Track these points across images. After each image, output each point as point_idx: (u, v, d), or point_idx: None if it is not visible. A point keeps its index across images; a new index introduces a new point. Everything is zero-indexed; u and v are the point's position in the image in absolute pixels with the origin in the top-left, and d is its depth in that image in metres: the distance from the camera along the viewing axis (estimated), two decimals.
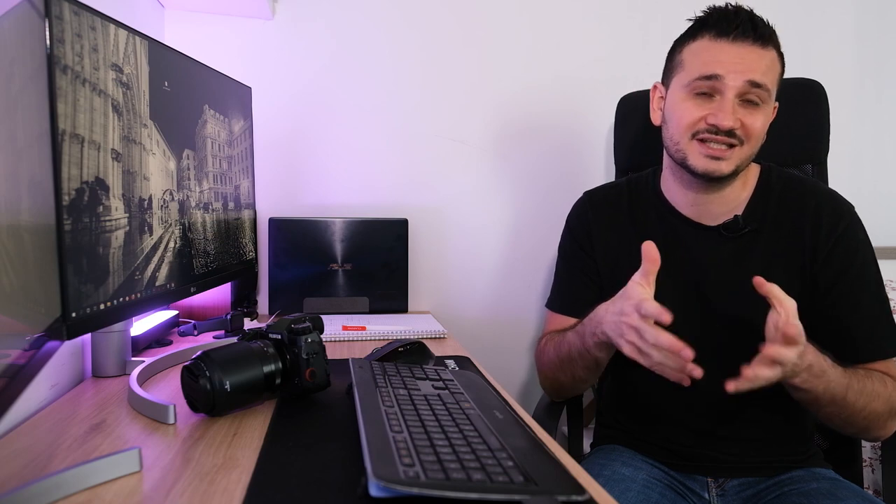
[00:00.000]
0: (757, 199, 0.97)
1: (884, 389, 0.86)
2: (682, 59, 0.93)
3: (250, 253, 1.17)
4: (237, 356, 0.73)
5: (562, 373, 1.00)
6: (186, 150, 0.89)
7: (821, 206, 0.94)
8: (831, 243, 0.92)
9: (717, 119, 0.87)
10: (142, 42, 0.76)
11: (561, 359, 0.99)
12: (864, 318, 0.91)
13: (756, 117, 0.88)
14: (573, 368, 0.97)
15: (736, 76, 0.86)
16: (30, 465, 0.60)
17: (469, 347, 1.15)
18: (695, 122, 0.90)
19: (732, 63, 0.86)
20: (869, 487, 1.37)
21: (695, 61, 0.90)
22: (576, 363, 0.96)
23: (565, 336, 0.98)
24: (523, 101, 1.53)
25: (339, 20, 1.45)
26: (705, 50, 0.89)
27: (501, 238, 1.56)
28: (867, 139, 1.67)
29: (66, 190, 0.60)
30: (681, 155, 0.92)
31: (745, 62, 0.86)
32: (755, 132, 0.88)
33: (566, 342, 0.97)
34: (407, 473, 0.49)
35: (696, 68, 0.89)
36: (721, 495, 0.95)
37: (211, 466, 0.60)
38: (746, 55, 0.86)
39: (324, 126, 1.46)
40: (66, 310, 0.60)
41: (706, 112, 0.88)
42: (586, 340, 0.90)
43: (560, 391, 1.08)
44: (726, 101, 0.87)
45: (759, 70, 0.86)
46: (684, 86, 0.91)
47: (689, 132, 0.90)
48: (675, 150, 0.94)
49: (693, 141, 0.90)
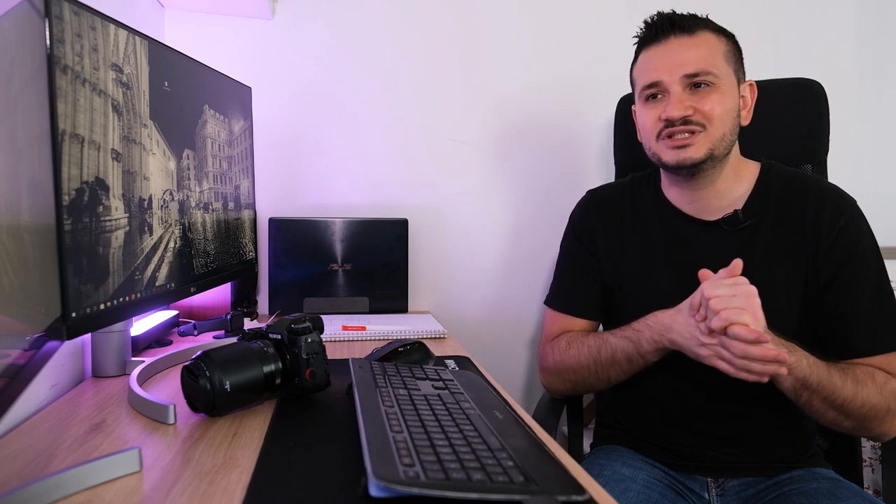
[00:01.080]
0: (757, 194, 0.97)
1: (871, 380, 0.86)
2: (634, 78, 1.02)
3: (250, 253, 1.17)
4: (237, 356, 0.73)
5: (594, 376, 0.99)
6: (186, 150, 0.89)
7: (822, 199, 0.94)
8: (833, 236, 0.92)
9: (667, 112, 0.92)
10: (142, 42, 0.76)
11: (598, 362, 0.98)
12: (865, 311, 0.91)
13: (710, 99, 0.91)
14: (611, 371, 0.97)
15: (671, 73, 0.92)
16: (30, 465, 0.60)
17: (469, 347, 1.15)
18: (654, 124, 0.95)
19: (665, 64, 0.93)
20: (869, 487, 1.37)
21: (640, 75, 0.98)
22: (619, 366, 0.96)
23: (606, 340, 0.97)
24: (523, 101, 1.53)
25: (339, 20, 1.45)
26: (644, 62, 0.98)
27: (501, 238, 1.56)
28: (867, 139, 1.67)
29: (66, 190, 0.60)
30: (656, 157, 0.97)
31: (675, 57, 0.92)
32: (714, 114, 0.91)
33: (609, 346, 0.96)
34: (407, 473, 0.49)
35: (641, 80, 0.97)
36: (721, 495, 0.95)
37: (211, 466, 0.60)
38: (675, 50, 0.93)
39: (324, 126, 1.46)
40: (66, 310, 0.60)
41: (659, 111, 0.94)
42: (642, 346, 0.92)
43: (577, 389, 1.08)
44: (672, 96, 0.92)
45: (691, 59, 0.91)
46: (640, 99, 0.99)
47: (653, 135, 0.96)
48: (651, 155, 0.99)
49: (660, 141, 0.95)
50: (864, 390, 0.84)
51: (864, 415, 0.86)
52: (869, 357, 0.89)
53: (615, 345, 0.96)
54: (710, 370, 0.95)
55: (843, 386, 0.84)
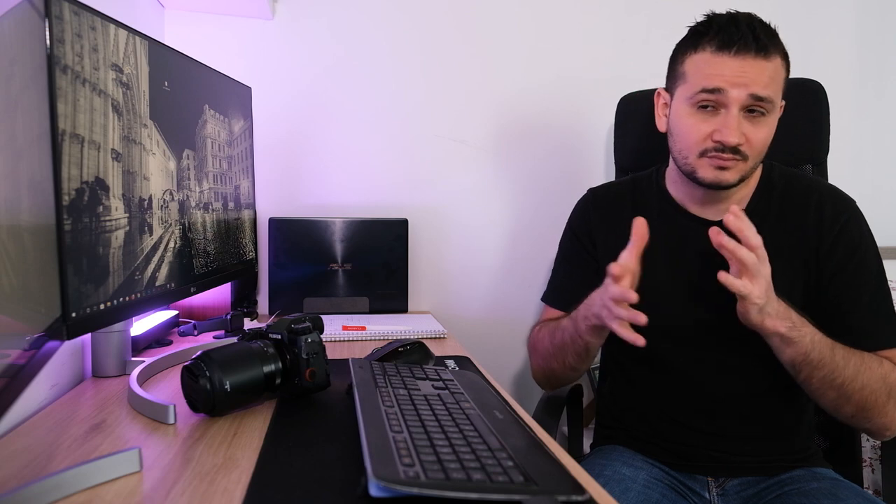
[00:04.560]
0: (759, 196, 0.98)
1: (878, 365, 0.86)
2: (685, 71, 0.92)
3: (250, 253, 1.17)
4: (237, 356, 0.73)
5: (554, 360, 1.01)
6: (186, 150, 0.89)
7: (823, 200, 0.95)
8: (833, 236, 0.92)
9: (723, 136, 0.87)
10: (142, 42, 0.76)
11: (555, 345, 1.00)
12: (864, 309, 0.91)
13: (760, 129, 0.88)
14: (565, 355, 0.98)
15: (739, 90, 0.86)
16: (30, 465, 0.60)
17: (469, 347, 1.15)
18: (702, 140, 0.90)
19: (735, 77, 0.86)
20: (869, 487, 1.36)
21: (697, 74, 0.90)
22: (568, 349, 0.97)
23: (560, 323, 0.99)
24: (524, 102, 1.53)
25: (340, 20, 1.45)
26: (707, 63, 0.89)
27: (501, 238, 1.56)
28: (867, 139, 1.67)
29: (66, 190, 0.60)
30: (689, 169, 0.93)
31: (747, 75, 0.86)
32: (759, 146, 0.89)
33: (560, 328, 0.98)
34: (407, 473, 0.49)
35: (699, 81, 0.89)
36: (721, 495, 0.95)
37: (211, 466, 0.60)
38: (749, 68, 0.86)
39: (324, 126, 1.46)
40: (66, 310, 0.60)
41: (712, 128, 0.89)
42: (579, 325, 0.92)
43: (551, 379, 1.08)
44: (731, 117, 0.87)
45: (762, 82, 0.86)
46: (688, 98, 0.91)
47: (697, 150, 0.91)
48: (683, 164, 0.94)
49: (702, 158, 0.91)
50: (867, 372, 0.84)
51: (864, 399, 0.85)
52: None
53: (564, 326, 0.97)
54: (709, 370, 0.95)
55: (846, 366, 0.83)
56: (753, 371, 0.94)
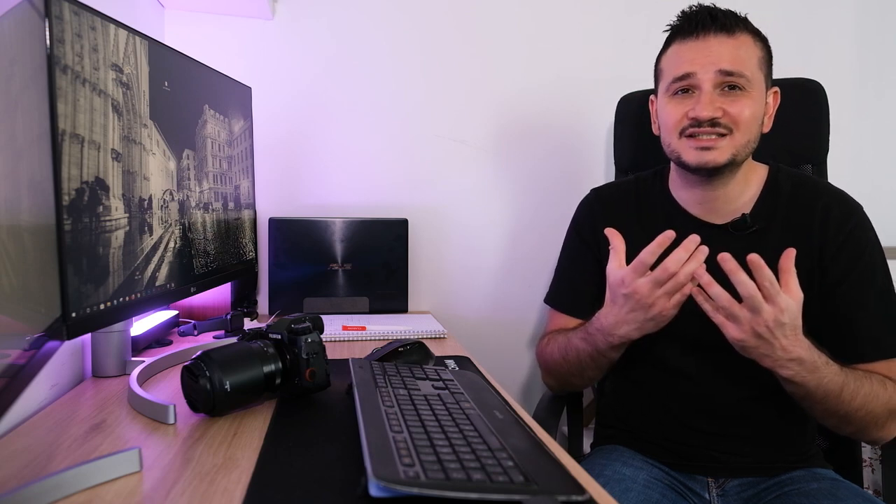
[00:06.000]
0: (765, 198, 0.97)
1: (883, 391, 0.86)
2: (661, 69, 0.98)
3: (250, 253, 1.17)
4: (237, 356, 0.73)
5: (573, 377, 1.03)
6: (186, 150, 0.89)
7: (829, 205, 0.94)
8: (839, 242, 0.92)
9: (696, 111, 0.89)
10: (142, 42, 0.76)
11: (569, 363, 1.00)
12: (869, 316, 0.91)
13: (740, 103, 0.89)
14: (584, 370, 0.99)
15: (706, 68, 0.89)
16: (30, 465, 0.60)
17: (469, 347, 1.15)
18: (679, 120, 0.92)
19: (701, 57, 0.90)
20: (869, 487, 1.36)
21: (670, 67, 0.95)
22: (588, 367, 0.98)
23: (570, 341, 0.99)
24: (524, 101, 1.53)
25: (340, 20, 1.45)
26: (676, 54, 0.94)
27: (501, 238, 1.56)
28: (867, 139, 1.66)
29: (66, 190, 0.60)
30: (675, 154, 0.95)
31: (712, 54, 0.89)
32: (742, 119, 0.89)
33: (573, 348, 0.98)
34: (407, 473, 0.49)
35: (671, 72, 0.93)
36: (721, 495, 0.95)
37: (211, 466, 0.60)
38: (713, 47, 0.89)
39: (324, 126, 1.46)
40: (66, 310, 0.60)
41: (687, 108, 0.91)
42: (600, 347, 0.93)
43: (567, 388, 1.11)
44: (703, 94, 0.89)
45: (728, 58, 0.88)
46: (665, 91, 0.95)
47: (676, 131, 0.93)
48: (669, 152, 0.96)
49: (682, 139, 0.93)
50: (873, 402, 0.84)
51: (864, 422, 0.86)
52: (871, 362, 0.89)
53: (578, 347, 0.98)
54: (710, 370, 0.95)
55: (852, 400, 0.84)
56: (755, 373, 0.94)
